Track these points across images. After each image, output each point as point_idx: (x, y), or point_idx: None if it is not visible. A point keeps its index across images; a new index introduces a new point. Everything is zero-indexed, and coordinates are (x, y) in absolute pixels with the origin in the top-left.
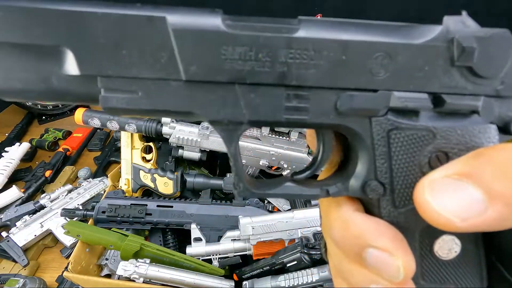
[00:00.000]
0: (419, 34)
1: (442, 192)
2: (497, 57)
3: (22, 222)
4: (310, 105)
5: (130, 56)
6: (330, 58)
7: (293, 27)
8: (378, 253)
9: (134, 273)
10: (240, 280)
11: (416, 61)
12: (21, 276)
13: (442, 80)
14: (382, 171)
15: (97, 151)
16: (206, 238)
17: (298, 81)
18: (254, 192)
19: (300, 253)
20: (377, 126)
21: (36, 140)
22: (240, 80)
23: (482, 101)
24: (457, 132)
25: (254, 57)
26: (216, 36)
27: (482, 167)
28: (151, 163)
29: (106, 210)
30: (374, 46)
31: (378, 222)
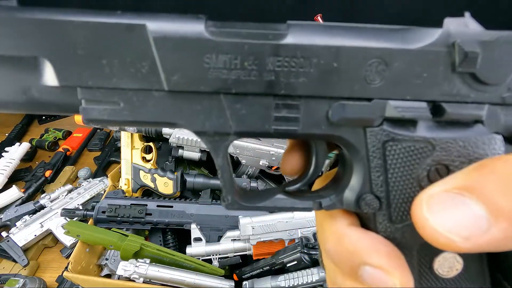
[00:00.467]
0: (417, 38)
1: (442, 208)
2: (503, 62)
3: (22, 222)
4: (300, 115)
5: (111, 66)
6: (321, 65)
7: (281, 33)
8: (373, 271)
9: (134, 273)
10: (240, 280)
11: (414, 68)
12: (21, 276)
13: (442, 88)
14: (378, 185)
15: (97, 151)
16: (206, 238)
17: (287, 90)
18: (242, 205)
19: (300, 253)
20: (372, 137)
21: (36, 140)
22: (226, 90)
23: (486, 109)
24: (459, 144)
25: (240, 66)
26: (198, 44)
27: (486, 180)
28: (151, 163)
29: (106, 210)
30: (368, 52)
31: (374, 238)
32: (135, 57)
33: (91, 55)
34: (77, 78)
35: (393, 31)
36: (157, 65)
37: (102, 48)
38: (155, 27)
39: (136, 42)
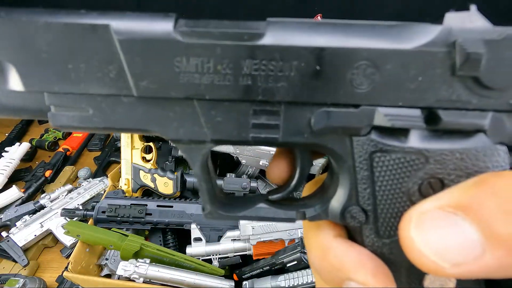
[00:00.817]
0: (412, 36)
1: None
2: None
3: (22, 222)
4: (280, 122)
5: (77, 70)
6: (302, 68)
7: (258, 32)
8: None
9: (134, 273)
10: (240, 280)
11: (408, 71)
12: (21, 276)
13: (440, 93)
14: (365, 197)
15: (97, 151)
16: (206, 238)
17: (265, 95)
18: (222, 214)
19: (300, 253)
20: (359, 147)
21: (36, 140)
22: (199, 96)
23: (490, 117)
24: (456, 156)
25: (213, 70)
26: (167, 46)
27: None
28: (151, 163)
29: (106, 210)
30: (356, 54)
31: (360, 252)
32: (101, 60)
33: (55, 58)
34: (43, 83)
35: (386, 28)
36: (124, 69)
37: (66, 51)
38: (120, 28)
39: (101, 45)
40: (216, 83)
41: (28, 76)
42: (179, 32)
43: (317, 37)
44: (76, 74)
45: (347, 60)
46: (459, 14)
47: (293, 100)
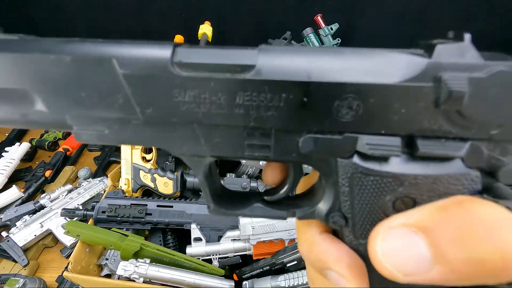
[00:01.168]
0: (399, 69)
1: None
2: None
3: (22, 222)
4: (271, 144)
5: (89, 98)
6: (290, 100)
7: (249, 65)
8: (336, 275)
9: (134, 273)
10: (240, 280)
11: (392, 104)
12: (21, 276)
13: (422, 124)
14: (345, 207)
15: (97, 151)
16: (206, 238)
17: (257, 122)
18: (224, 211)
19: None
20: (342, 167)
21: (36, 140)
22: (198, 121)
23: (468, 147)
24: (429, 180)
25: (209, 100)
26: (165, 80)
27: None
28: (151, 163)
29: (106, 210)
30: (342, 88)
31: (340, 248)
32: (109, 90)
33: (69, 88)
34: (62, 108)
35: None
36: (130, 98)
37: (77, 82)
38: (124, 62)
39: (107, 76)
40: (213, 112)
41: (50, 102)
42: (176, 64)
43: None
44: (89, 101)
45: (334, 93)
46: (450, 46)
47: (282, 127)
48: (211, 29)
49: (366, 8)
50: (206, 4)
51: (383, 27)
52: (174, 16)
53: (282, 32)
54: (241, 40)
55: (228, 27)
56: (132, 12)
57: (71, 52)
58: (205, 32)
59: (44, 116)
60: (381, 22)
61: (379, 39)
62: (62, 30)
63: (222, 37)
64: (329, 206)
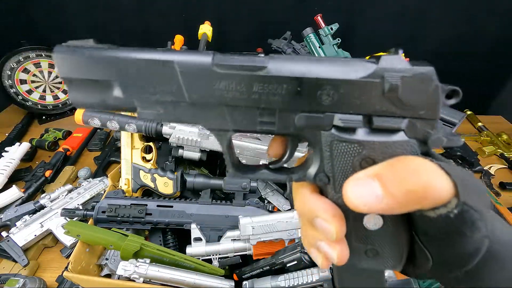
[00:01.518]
0: (359, 71)
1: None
2: (419, 91)
3: (22, 222)
4: (276, 120)
5: (153, 86)
6: (289, 90)
7: (263, 66)
8: (321, 221)
9: (134, 273)
10: (240, 280)
11: (355, 93)
12: (21, 276)
13: (375, 106)
14: (327, 168)
15: (97, 151)
16: (206, 238)
17: (266, 104)
18: (239, 175)
19: (300, 253)
20: (324, 137)
21: (36, 140)
22: (226, 103)
23: (406, 122)
24: (383, 145)
25: (235, 88)
26: (207, 74)
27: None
28: (151, 163)
29: (106, 210)
30: (322, 82)
31: (324, 201)
32: (168, 81)
33: (141, 79)
34: (135, 93)
35: (344, 63)
36: (182, 87)
37: (148, 75)
38: (180, 62)
39: (168, 73)
40: (237, 97)
41: (126, 89)
42: (215, 65)
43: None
44: (154, 89)
45: (317, 85)
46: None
47: (283, 108)
48: (211, 29)
49: (366, 8)
50: (206, 4)
51: (383, 27)
52: (174, 16)
53: (282, 32)
54: (241, 40)
55: (228, 27)
56: (132, 12)
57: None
58: (205, 32)
59: (118, 100)
60: (381, 22)
61: (379, 39)
62: (62, 30)
63: (222, 37)
64: (316, 168)
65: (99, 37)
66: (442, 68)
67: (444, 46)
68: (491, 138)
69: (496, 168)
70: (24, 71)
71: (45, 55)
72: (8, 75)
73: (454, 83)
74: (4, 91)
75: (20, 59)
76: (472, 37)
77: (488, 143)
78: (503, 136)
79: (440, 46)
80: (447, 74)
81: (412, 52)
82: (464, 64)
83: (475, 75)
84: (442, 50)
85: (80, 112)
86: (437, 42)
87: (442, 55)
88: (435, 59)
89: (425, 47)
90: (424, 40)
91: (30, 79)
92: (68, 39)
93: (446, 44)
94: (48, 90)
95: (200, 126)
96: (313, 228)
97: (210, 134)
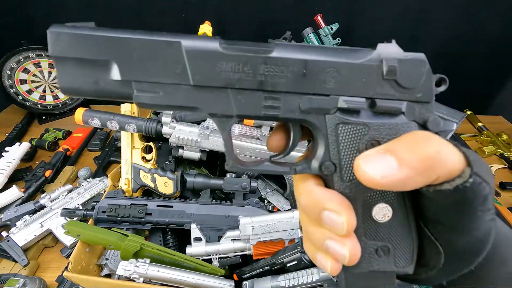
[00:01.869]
0: (359, 56)
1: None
2: (414, 74)
3: (22, 222)
4: (281, 104)
5: (155, 68)
6: (295, 72)
7: (269, 49)
8: (329, 213)
9: (134, 273)
10: (240, 280)
11: (356, 75)
12: (21, 276)
13: (376, 89)
14: (334, 154)
15: (97, 151)
16: (206, 238)
17: (272, 87)
18: (240, 167)
19: (300, 253)
20: (329, 121)
21: (36, 140)
22: (231, 86)
23: (405, 105)
24: (386, 127)
25: (241, 70)
26: (214, 55)
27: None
28: (151, 163)
29: (106, 210)
30: (326, 64)
31: (331, 192)
32: (173, 62)
33: (143, 60)
34: (133, 75)
35: (344, 50)
36: (186, 68)
37: (150, 56)
38: (187, 43)
39: (173, 53)
40: (243, 78)
41: (125, 70)
42: (222, 47)
43: (304, 54)
44: (155, 70)
45: (321, 67)
46: (386, 44)
47: (289, 90)
48: (211, 29)
49: (366, 8)
50: (206, 4)
51: (383, 27)
52: (174, 16)
53: (282, 32)
54: (241, 40)
55: (228, 27)
56: (132, 12)
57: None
58: (205, 32)
59: (113, 84)
60: (381, 22)
61: (379, 39)
62: None
63: (222, 37)
64: (321, 156)
65: None
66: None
67: (444, 46)
68: (491, 138)
69: (496, 168)
70: (24, 71)
71: (45, 55)
72: (8, 75)
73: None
74: (4, 91)
75: (20, 59)
76: (472, 37)
77: (488, 143)
78: (503, 136)
79: (440, 46)
80: (447, 74)
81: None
82: (464, 64)
83: (475, 75)
84: (442, 50)
85: (80, 112)
86: (437, 42)
87: (442, 55)
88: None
89: (425, 47)
90: (424, 40)
91: (30, 79)
92: None
93: (446, 44)
94: (48, 90)
95: (200, 126)
96: (320, 226)
97: (210, 134)
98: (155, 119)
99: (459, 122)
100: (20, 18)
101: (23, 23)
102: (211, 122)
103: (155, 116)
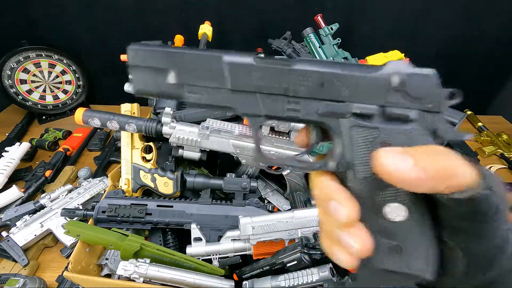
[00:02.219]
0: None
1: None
2: (423, 87)
3: (22, 222)
4: (301, 108)
5: (202, 75)
6: (314, 81)
7: (292, 62)
8: (334, 203)
9: (134, 273)
10: (240, 280)
11: (370, 85)
12: (21, 276)
13: (387, 98)
14: (348, 154)
15: (97, 151)
16: (206, 238)
17: (294, 93)
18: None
19: (300, 253)
20: (344, 124)
21: (36, 140)
22: (260, 91)
23: (415, 113)
24: (396, 131)
25: (269, 78)
26: (249, 67)
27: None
28: (151, 163)
29: (106, 210)
30: (342, 76)
31: (341, 188)
32: (216, 72)
33: (194, 69)
34: (186, 80)
35: (357, 65)
36: (227, 76)
37: (200, 66)
38: (227, 58)
39: (217, 65)
40: (270, 85)
41: (180, 76)
42: (255, 61)
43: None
44: (203, 76)
45: (337, 78)
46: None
47: (309, 96)
48: (211, 29)
49: (366, 8)
50: (206, 4)
51: (383, 27)
52: (174, 16)
53: (282, 32)
54: (241, 40)
55: (228, 27)
56: (132, 12)
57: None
58: (205, 32)
59: (169, 86)
60: (381, 22)
61: (379, 39)
62: (62, 30)
63: (222, 37)
64: (338, 156)
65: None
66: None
67: (444, 46)
68: (491, 138)
69: (496, 168)
70: (24, 71)
71: (45, 55)
72: (8, 75)
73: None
74: (4, 91)
75: (20, 59)
76: (472, 37)
77: (488, 143)
78: (503, 136)
79: (440, 46)
80: (448, 74)
81: (412, 52)
82: (464, 64)
83: (475, 75)
84: (442, 50)
85: (80, 112)
86: (437, 42)
87: (442, 55)
88: (435, 59)
89: (425, 47)
90: (424, 40)
91: (30, 79)
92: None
93: (446, 44)
94: (48, 90)
95: (200, 126)
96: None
97: (210, 134)
98: (155, 119)
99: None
100: (20, 18)
101: (23, 23)
102: (211, 122)
103: (155, 116)
